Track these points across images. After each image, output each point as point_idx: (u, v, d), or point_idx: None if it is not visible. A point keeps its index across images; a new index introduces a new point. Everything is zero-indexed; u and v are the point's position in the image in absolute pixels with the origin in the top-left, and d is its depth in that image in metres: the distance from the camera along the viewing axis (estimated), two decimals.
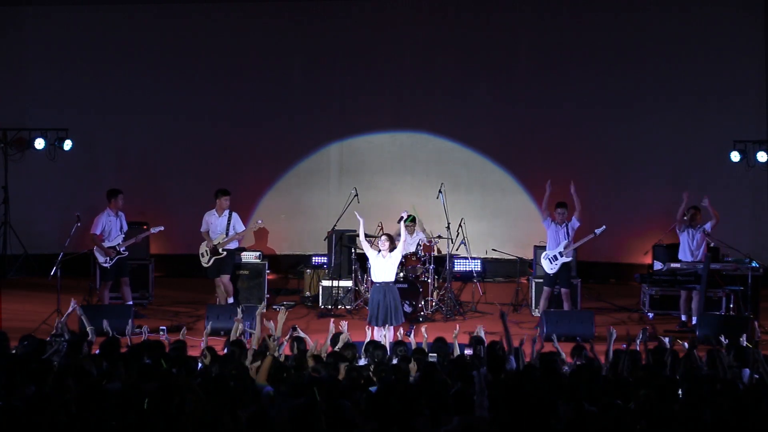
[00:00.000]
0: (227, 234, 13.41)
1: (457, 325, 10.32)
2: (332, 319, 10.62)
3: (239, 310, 10.44)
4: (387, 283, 11.35)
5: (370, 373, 7.96)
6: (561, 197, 13.34)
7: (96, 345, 9.04)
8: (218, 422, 6.15)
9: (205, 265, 13.51)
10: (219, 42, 16.75)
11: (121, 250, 13.10)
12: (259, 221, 13.87)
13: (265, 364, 7.76)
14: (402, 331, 11.43)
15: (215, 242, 13.38)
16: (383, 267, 11.37)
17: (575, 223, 13.08)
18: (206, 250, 13.45)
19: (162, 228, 13.56)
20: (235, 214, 13.60)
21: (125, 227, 13.25)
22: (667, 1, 16.38)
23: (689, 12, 16.25)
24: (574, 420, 6.23)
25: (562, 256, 13.02)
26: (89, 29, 16.74)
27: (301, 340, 9.25)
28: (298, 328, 9.83)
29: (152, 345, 8.59)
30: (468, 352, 8.75)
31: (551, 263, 13.07)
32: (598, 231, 13.00)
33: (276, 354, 8.33)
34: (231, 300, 13.43)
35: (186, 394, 6.34)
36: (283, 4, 16.92)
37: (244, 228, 13.66)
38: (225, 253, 13.41)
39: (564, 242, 13.01)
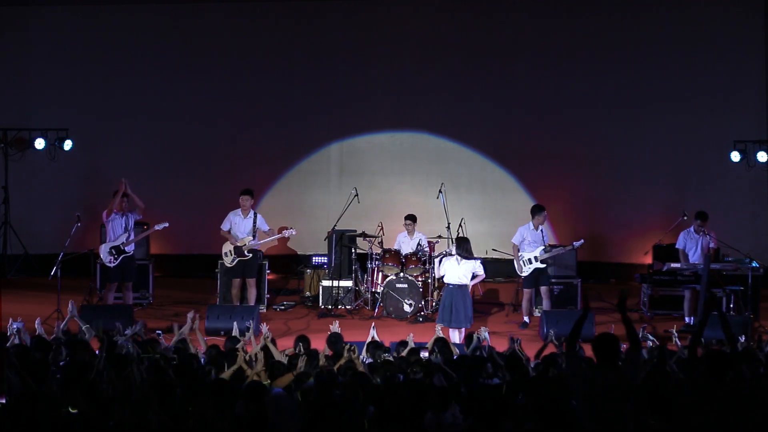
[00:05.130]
0: (254, 235, 13.36)
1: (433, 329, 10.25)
2: (372, 323, 10.59)
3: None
4: (457, 286, 11.51)
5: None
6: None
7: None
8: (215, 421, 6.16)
9: (228, 265, 13.39)
10: (219, 42, 16.74)
11: (127, 249, 13.06)
12: (293, 231, 13.68)
13: (287, 377, 7.76)
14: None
15: (241, 243, 13.28)
16: (455, 271, 11.53)
17: (545, 230, 13.22)
18: (230, 250, 13.35)
19: (167, 224, 13.45)
20: (259, 216, 13.55)
21: (131, 226, 13.15)
22: (667, 1, 16.39)
23: (689, 12, 16.25)
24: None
25: (536, 260, 13.03)
26: (90, 29, 16.73)
27: (306, 341, 9.25)
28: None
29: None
30: (424, 354, 8.78)
31: (525, 266, 13.08)
32: (576, 244, 13.08)
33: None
34: (252, 303, 13.27)
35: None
36: (282, 5, 16.91)
37: (268, 228, 13.58)
38: (250, 254, 13.34)
39: (540, 248, 13.03)
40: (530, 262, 13.04)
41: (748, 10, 16.15)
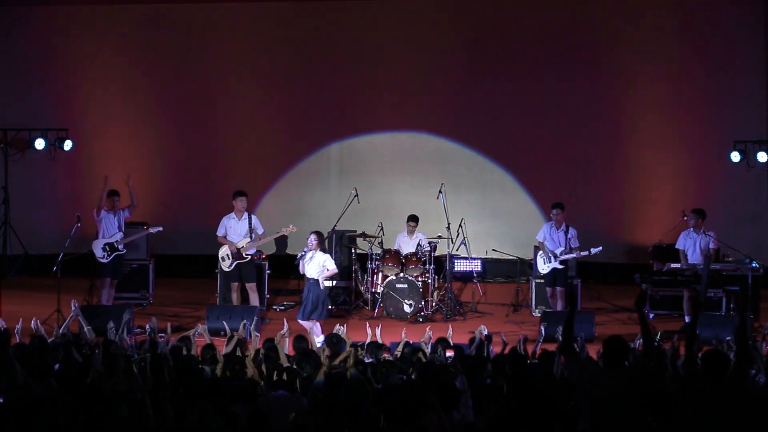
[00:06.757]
0: (251, 237, 13.31)
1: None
2: (367, 323, 10.66)
3: (243, 326, 10.11)
4: (314, 280, 11.71)
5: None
6: (557, 197, 13.47)
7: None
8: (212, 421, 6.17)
9: (227, 269, 13.27)
10: (218, 42, 16.74)
11: (120, 247, 13.07)
12: (291, 226, 13.61)
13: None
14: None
15: (238, 246, 13.19)
16: (310, 266, 11.73)
17: (572, 232, 13.16)
18: (227, 254, 13.22)
19: (161, 228, 13.55)
20: (254, 217, 13.46)
21: (123, 226, 13.21)
22: (668, 1, 16.38)
23: (689, 12, 16.24)
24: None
25: (555, 259, 13.05)
26: (89, 29, 16.74)
27: (303, 339, 9.26)
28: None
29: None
30: (449, 354, 8.80)
31: (545, 263, 13.14)
32: (593, 250, 13.05)
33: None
34: (257, 304, 13.19)
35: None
36: (282, 5, 16.91)
37: (263, 230, 13.51)
38: (248, 257, 13.24)
39: (561, 248, 13.06)
40: (550, 260, 13.10)
41: (748, 9, 16.14)
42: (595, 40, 16.44)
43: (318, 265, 11.67)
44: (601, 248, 13.10)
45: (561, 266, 13.08)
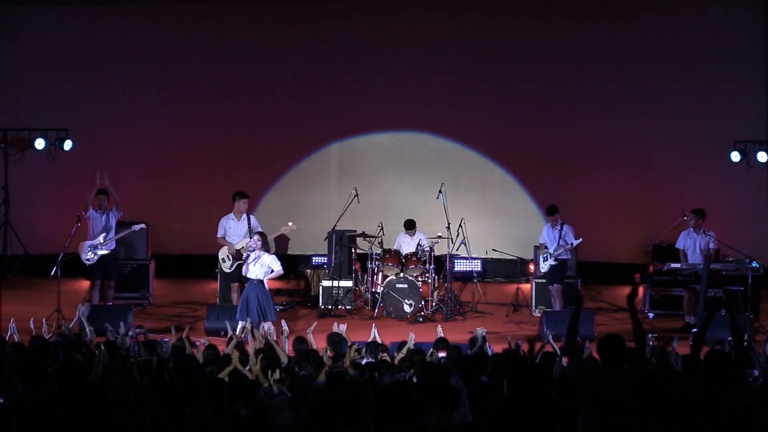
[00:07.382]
0: (251, 237, 13.22)
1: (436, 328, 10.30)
2: (374, 324, 10.64)
3: (240, 325, 10.11)
4: (252, 281, 11.69)
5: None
6: (557, 200, 13.54)
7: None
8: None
9: (227, 271, 13.23)
10: (219, 42, 16.72)
11: (104, 248, 13.02)
12: (291, 224, 13.53)
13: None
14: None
15: (238, 247, 13.12)
16: (254, 267, 11.69)
17: (566, 228, 13.29)
18: (228, 255, 13.17)
19: (143, 225, 13.54)
20: (253, 217, 13.43)
21: (113, 225, 13.16)
22: (668, 2, 16.38)
23: (689, 13, 16.23)
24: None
25: (550, 257, 13.19)
26: (90, 29, 16.72)
27: (303, 341, 9.27)
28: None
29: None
30: (442, 355, 8.81)
31: (543, 262, 13.35)
32: (575, 242, 13.26)
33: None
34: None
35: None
36: (282, 5, 16.90)
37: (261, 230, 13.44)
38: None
39: (554, 245, 13.16)
40: (545, 260, 13.30)
41: (748, 10, 16.14)
42: (595, 43, 16.42)
43: (263, 266, 11.63)
44: (581, 239, 13.24)
45: (555, 263, 13.19)
